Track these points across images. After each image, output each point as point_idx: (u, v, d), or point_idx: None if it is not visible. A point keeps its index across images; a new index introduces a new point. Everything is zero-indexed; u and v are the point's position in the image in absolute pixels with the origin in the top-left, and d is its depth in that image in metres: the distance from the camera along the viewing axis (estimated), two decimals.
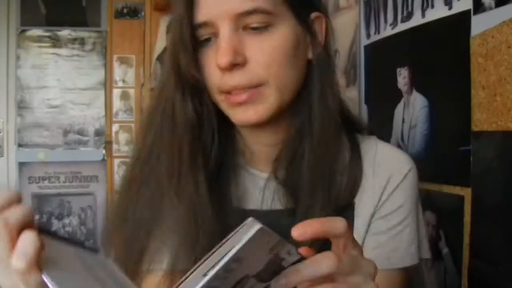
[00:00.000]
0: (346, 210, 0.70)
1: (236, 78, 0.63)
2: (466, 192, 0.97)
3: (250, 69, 0.63)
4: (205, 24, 0.63)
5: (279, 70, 0.63)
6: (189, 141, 0.65)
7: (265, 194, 0.71)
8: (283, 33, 0.63)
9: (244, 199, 0.72)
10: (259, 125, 0.67)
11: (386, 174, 0.71)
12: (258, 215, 0.69)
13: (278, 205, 0.70)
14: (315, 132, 0.66)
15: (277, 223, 0.66)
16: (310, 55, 0.68)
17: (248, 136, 0.72)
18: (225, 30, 0.62)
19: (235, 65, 0.62)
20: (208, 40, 0.64)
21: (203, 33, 0.64)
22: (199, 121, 0.66)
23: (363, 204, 0.71)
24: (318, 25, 0.68)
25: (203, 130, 0.67)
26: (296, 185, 0.67)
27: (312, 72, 0.67)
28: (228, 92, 0.64)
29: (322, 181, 0.66)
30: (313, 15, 0.67)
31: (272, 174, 0.71)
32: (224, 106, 0.66)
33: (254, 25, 0.62)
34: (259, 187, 0.72)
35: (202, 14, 0.62)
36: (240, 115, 0.65)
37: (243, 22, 0.62)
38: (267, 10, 0.61)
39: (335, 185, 0.68)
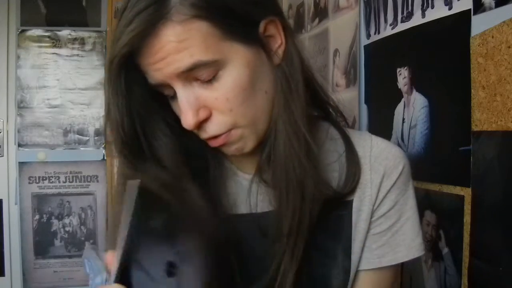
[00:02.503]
0: (343, 206, 0.71)
1: (207, 131, 0.64)
2: (466, 192, 0.97)
3: (215, 119, 0.63)
4: (160, 84, 0.62)
5: (244, 108, 0.63)
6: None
7: (252, 195, 0.71)
8: (233, 73, 0.61)
9: (236, 204, 0.72)
10: None
11: (382, 169, 0.71)
12: (250, 218, 0.70)
13: (266, 207, 0.70)
14: (283, 133, 0.66)
15: (265, 225, 0.67)
16: (274, 61, 0.66)
17: None
18: (179, 90, 0.61)
19: (200, 123, 0.62)
20: (174, 95, 0.64)
21: (167, 92, 0.64)
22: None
23: (362, 200, 0.71)
24: (273, 29, 0.65)
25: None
26: (277, 185, 0.67)
27: (277, 76, 0.66)
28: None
29: (291, 187, 0.65)
30: (263, 24, 0.63)
31: (256, 176, 0.71)
32: None
33: (201, 78, 0.60)
34: (247, 191, 0.72)
35: (150, 77, 0.62)
36: (225, 150, 0.67)
37: (191, 76, 0.60)
38: (207, 61, 0.59)
39: (327, 183, 0.69)
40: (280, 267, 0.65)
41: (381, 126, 1.30)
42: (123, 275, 0.49)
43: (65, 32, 2.62)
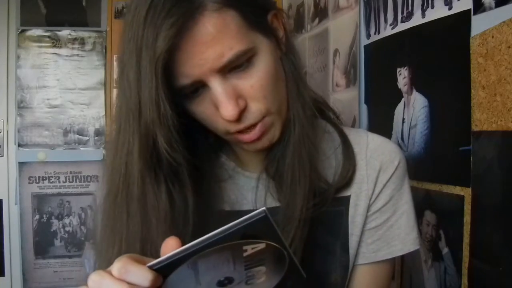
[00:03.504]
0: (341, 202, 0.71)
1: (243, 123, 0.63)
2: (466, 192, 0.97)
3: (252, 108, 0.63)
4: (191, 83, 0.61)
5: (273, 95, 0.64)
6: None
7: (258, 193, 0.72)
8: (263, 59, 0.62)
9: (239, 201, 0.73)
10: None
11: (378, 164, 0.72)
12: None
13: (272, 203, 0.71)
14: (295, 126, 0.67)
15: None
16: (279, 54, 0.68)
17: (236, 145, 0.73)
18: (216, 85, 0.60)
19: (240, 113, 0.62)
20: (192, 92, 0.62)
21: (189, 90, 0.62)
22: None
23: (358, 195, 0.72)
24: (276, 23, 0.68)
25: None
26: (283, 180, 0.68)
27: (287, 65, 0.68)
28: (236, 133, 0.64)
29: (303, 174, 0.66)
30: (270, 16, 0.66)
31: (263, 172, 0.72)
32: (233, 141, 0.68)
33: (237, 64, 0.60)
34: (252, 188, 0.73)
35: (185, 76, 0.59)
36: (254, 147, 0.66)
37: (228, 67, 0.60)
38: (245, 50, 0.59)
39: (323, 177, 0.69)
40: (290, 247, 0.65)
41: (381, 126, 1.30)
42: (169, 266, 0.46)
43: (65, 32, 2.62)
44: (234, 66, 0.60)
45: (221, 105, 0.60)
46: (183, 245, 0.47)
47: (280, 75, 0.66)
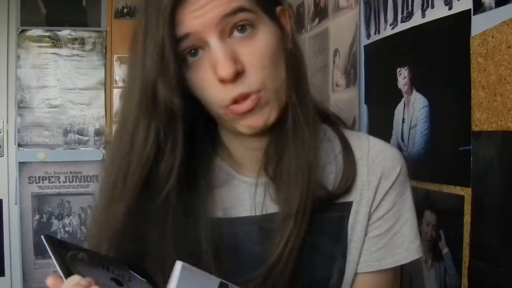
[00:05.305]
0: (343, 207, 0.71)
1: (239, 88, 0.62)
2: (466, 192, 0.97)
3: (249, 75, 0.62)
4: (188, 37, 0.61)
5: (271, 72, 0.64)
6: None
7: (256, 199, 0.71)
8: (265, 34, 0.63)
9: (235, 207, 0.72)
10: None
11: (379, 171, 0.71)
12: (251, 220, 0.70)
13: (271, 209, 0.70)
14: (293, 131, 0.66)
15: (271, 227, 0.67)
16: (287, 45, 0.68)
17: (233, 141, 0.72)
18: (214, 41, 0.61)
19: (237, 74, 0.61)
20: (192, 54, 0.63)
21: (186, 47, 0.62)
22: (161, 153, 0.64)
23: (359, 201, 0.71)
24: (283, 18, 0.68)
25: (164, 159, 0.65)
26: (282, 179, 0.67)
27: (289, 60, 0.67)
28: (231, 103, 0.64)
29: (301, 173, 0.66)
30: (278, 9, 0.68)
31: (261, 175, 0.71)
32: (228, 118, 0.66)
33: (240, 23, 0.61)
34: (249, 193, 0.71)
35: (185, 26, 0.60)
36: (248, 123, 0.65)
37: (229, 25, 0.61)
38: (249, 8, 0.61)
39: (323, 183, 0.69)
40: (286, 246, 0.65)
41: (381, 126, 1.30)
42: None
43: (65, 32, 2.62)
44: (235, 28, 0.61)
45: (218, 64, 0.61)
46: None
47: (281, 60, 0.65)
